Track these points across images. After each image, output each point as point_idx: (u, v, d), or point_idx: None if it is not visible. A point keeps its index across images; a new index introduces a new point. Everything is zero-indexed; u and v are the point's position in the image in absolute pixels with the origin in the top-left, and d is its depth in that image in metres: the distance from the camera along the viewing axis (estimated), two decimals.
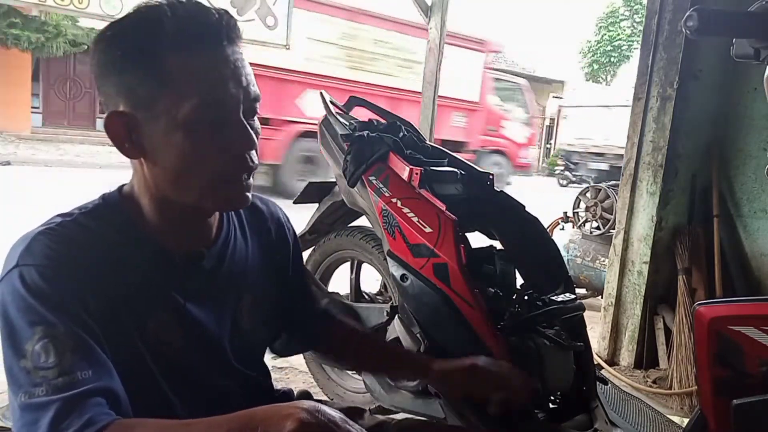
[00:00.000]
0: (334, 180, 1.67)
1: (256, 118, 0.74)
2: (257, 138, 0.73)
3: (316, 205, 1.83)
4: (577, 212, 3.65)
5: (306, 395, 1.01)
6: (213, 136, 0.69)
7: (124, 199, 0.75)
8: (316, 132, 1.70)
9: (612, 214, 3.33)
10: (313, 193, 1.80)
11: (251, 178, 0.75)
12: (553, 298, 1.25)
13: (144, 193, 0.74)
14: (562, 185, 14.44)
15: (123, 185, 0.77)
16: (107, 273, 0.68)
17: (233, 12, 3.56)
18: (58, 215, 0.70)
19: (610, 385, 1.86)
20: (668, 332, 2.58)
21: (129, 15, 0.69)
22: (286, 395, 0.99)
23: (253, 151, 0.73)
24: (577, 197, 3.64)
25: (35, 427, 0.57)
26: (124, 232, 0.72)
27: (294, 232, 0.99)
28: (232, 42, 0.70)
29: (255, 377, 0.90)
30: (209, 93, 0.68)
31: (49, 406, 0.58)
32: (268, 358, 0.97)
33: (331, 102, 1.67)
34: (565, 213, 3.91)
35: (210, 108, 0.68)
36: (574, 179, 13.94)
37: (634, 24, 18.72)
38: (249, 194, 0.76)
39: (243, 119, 0.71)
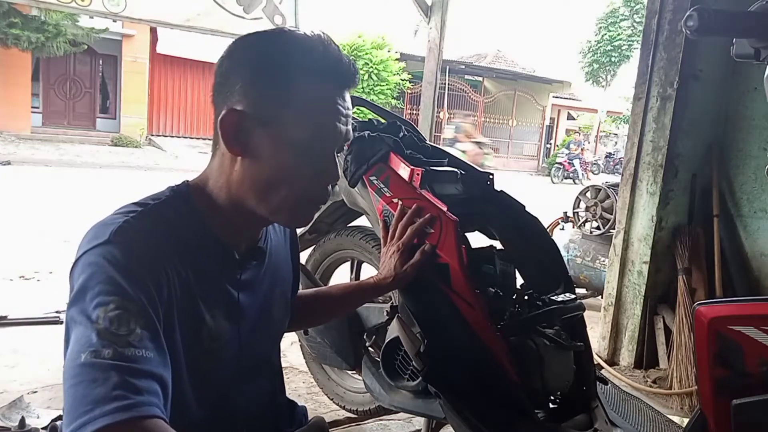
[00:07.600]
0: None
1: None
2: None
3: None
4: (577, 212, 3.65)
5: (321, 424, 1.00)
6: (312, 162, 0.76)
7: (192, 192, 0.78)
8: None
9: (612, 214, 3.33)
10: None
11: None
12: (553, 298, 1.24)
13: (222, 189, 0.77)
14: None
15: (187, 180, 0.79)
16: (179, 265, 0.71)
17: (239, 10, 3.55)
18: (134, 203, 0.73)
19: (610, 385, 1.86)
20: (668, 332, 2.59)
21: (286, 34, 0.76)
22: (297, 407, 1.02)
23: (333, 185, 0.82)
24: (577, 197, 3.65)
25: (93, 385, 0.56)
26: (193, 225, 0.75)
27: None
28: (350, 89, 0.79)
29: (272, 376, 0.95)
30: (324, 125, 0.76)
31: (112, 372, 0.57)
32: None
33: None
34: (565, 213, 3.91)
35: (318, 139, 0.76)
36: None
37: (635, 24, 18.70)
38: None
39: (335, 155, 0.79)
